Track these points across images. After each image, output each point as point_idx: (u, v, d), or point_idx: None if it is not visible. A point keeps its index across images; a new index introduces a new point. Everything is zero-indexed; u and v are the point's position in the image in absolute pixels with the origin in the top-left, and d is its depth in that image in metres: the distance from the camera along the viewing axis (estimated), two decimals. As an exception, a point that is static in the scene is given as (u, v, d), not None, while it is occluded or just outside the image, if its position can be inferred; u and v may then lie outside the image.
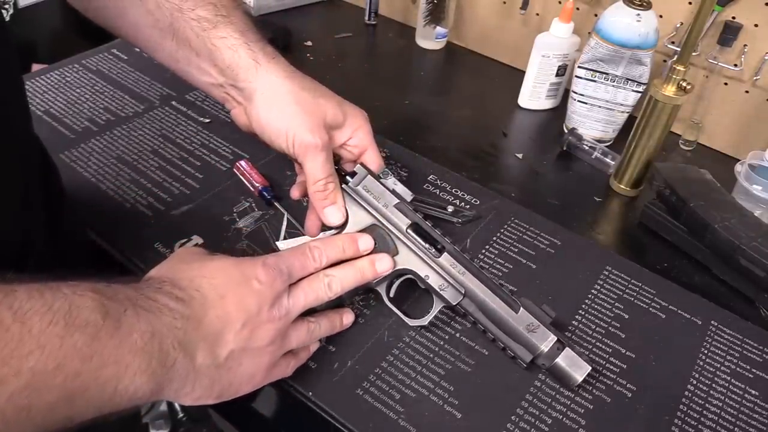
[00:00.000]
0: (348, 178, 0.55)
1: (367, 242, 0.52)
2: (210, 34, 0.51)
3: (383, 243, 0.54)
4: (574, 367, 0.50)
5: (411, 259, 0.54)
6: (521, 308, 0.52)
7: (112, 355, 0.34)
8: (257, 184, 0.67)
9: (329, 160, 0.53)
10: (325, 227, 0.56)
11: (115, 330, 0.34)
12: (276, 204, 0.66)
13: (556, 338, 0.51)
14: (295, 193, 0.57)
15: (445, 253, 0.54)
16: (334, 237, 0.52)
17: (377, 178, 0.56)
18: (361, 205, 0.55)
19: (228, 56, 0.51)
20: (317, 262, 0.48)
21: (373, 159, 0.57)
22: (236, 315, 0.41)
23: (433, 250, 0.54)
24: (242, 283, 0.42)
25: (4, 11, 1.27)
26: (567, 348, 0.51)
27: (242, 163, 0.69)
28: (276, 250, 0.61)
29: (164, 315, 0.38)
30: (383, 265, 0.52)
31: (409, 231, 0.54)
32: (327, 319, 0.51)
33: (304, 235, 0.61)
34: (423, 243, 0.54)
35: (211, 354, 0.40)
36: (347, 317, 0.53)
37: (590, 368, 0.50)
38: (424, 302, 0.57)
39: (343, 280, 0.49)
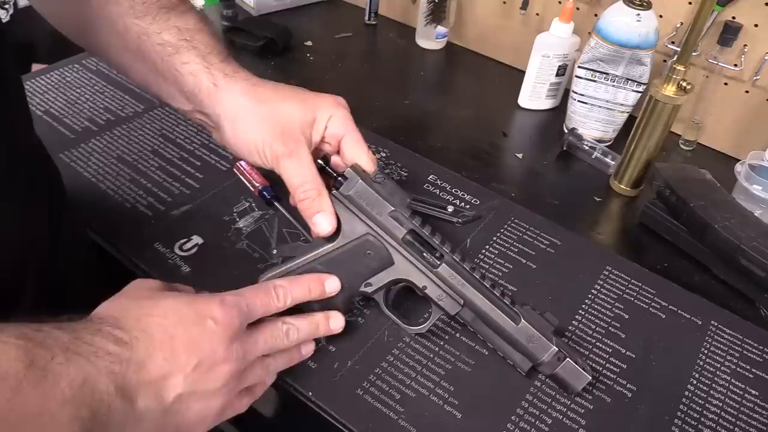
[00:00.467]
0: (341, 180, 0.52)
1: (333, 284, 0.50)
2: (173, 59, 0.50)
3: (378, 253, 0.52)
4: (574, 378, 0.50)
5: (408, 269, 0.52)
6: (522, 320, 0.51)
7: (35, 407, 0.31)
8: (257, 184, 0.67)
9: (304, 165, 0.50)
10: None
11: (39, 380, 0.32)
12: (276, 204, 0.66)
13: (556, 349, 0.50)
14: (292, 200, 0.54)
15: (444, 264, 0.51)
16: (301, 277, 0.49)
17: (372, 180, 0.52)
18: (354, 214, 0.51)
19: (190, 83, 0.50)
20: (281, 302, 0.46)
21: (352, 144, 0.52)
22: (186, 357, 0.39)
23: (431, 259, 0.51)
24: (196, 323, 0.40)
25: (3, 11, 1.27)
26: (567, 359, 0.50)
27: (242, 163, 0.69)
28: (269, 258, 0.60)
29: (100, 359, 0.35)
30: (336, 323, 0.51)
31: (407, 237, 0.51)
32: (285, 354, 0.48)
33: (304, 237, 0.60)
34: (420, 253, 0.51)
35: (155, 398, 0.38)
36: (306, 348, 0.50)
37: (590, 378, 0.50)
38: (423, 305, 0.57)
39: (300, 331, 0.47)
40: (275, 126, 0.50)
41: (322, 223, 0.50)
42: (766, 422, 0.52)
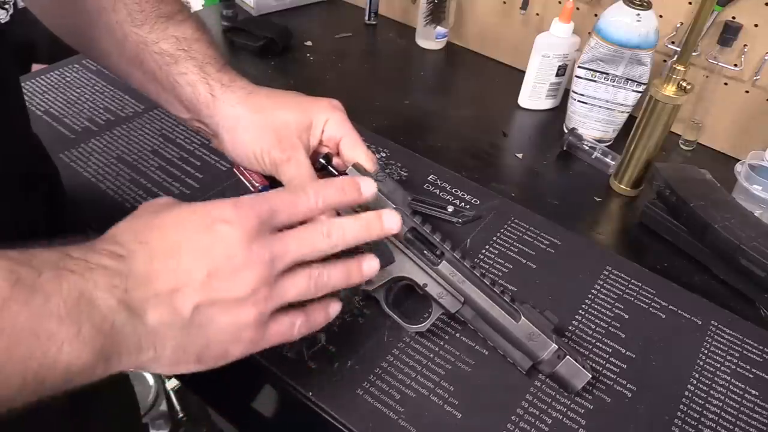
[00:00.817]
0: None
1: (369, 187, 0.42)
2: (171, 69, 0.50)
3: (380, 251, 0.52)
4: (574, 376, 0.50)
5: (409, 267, 0.52)
6: (522, 317, 0.51)
7: (27, 327, 0.29)
8: (257, 184, 0.67)
9: (303, 169, 0.50)
10: None
11: (27, 299, 0.29)
12: None
13: (556, 347, 0.50)
14: None
15: (444, 261, 0.52)
16: (333, 179, 0.42)
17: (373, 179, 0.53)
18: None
19: (188, 93, 0.50)
20: (311, 201, 0.39)
21: (351, 145, 0.53)
22: (195, 264, 0.35)
23: (432, 256, 0.52)
24: (205, 229, 0.35)
25: (3, 11, 1.27)
26: (567, 357, 0.50)
27: (242, 163, 0.69)
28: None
29: (96, 273, 0.32)
30: (390, 220, 0.43)
31: (408, 235, 0.52)
32: (341, 265, 0.40)
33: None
34: (421, 251, 0.52)
35: (169, 312, 0.34)
36: (368, 262, 0.42)
37: (590, 376, 0.50)
38: (424, 304, 0.57)
39: (346, 232, 0.40)
40: (272, 133, 0.50)
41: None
42: (766, 422, 0.52)
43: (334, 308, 0.42)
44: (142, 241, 0.35)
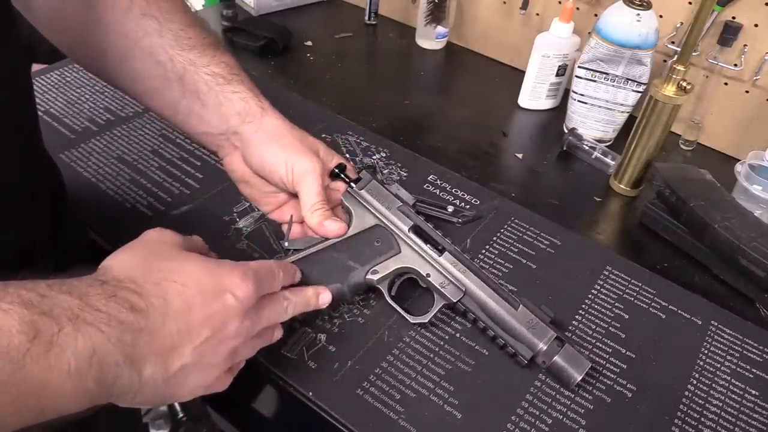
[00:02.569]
0: (353, 183, 0.58)
1: (326, 298, 0.51)
2: (224, 88, 0.56)
3: (386, 242, 0.56)
4: (574, 364, 0.51)
5: (413, 258, 0.55)
6: (521, 306, 0.53)
7: (38, 383, 0.31)
8: None
9: (323, 187, 0.56)
10: None
11: (44, 352, 0.31)
12: None
13: (555, 335, 0.51)
14: (304, 211, 0.57)
15: (446, 253, 0.55)
16: (303, 289, 0.50)
17: (381, 182, 0.58)
18: (366, 208, 0.57)
19: (240, 106, 0.56)
20: (279, 283, 0.47)
21: None
22: (199, 330, 0.39)
23: (434, 250, 0.55)
24: (216, 297, 0.40)
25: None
26: (566, 345, 0.51)
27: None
28: (280, 250, 0.61)
29: (113, 328, 0.34)
30: (325, 298, 0.51)
31: (411, 232, 0.56)
32: (264, 333, 0.47)
33: (308, 235, 0.61)
34: (424, 242, 0.55)
35: (161, 366, 0.37)
36: (278, 332, 0.48)
37: (590, 365, 0.51)
38: (425, 301, 0.57)
39: (296, 307, 0.48)
40: (307, 146, 0.57)
41: (331, 225, 0.55)
42: (766, 422, 0.52)
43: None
44: (162, 296, 0.38)
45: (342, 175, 0.59)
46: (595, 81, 0.82)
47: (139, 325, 0.36)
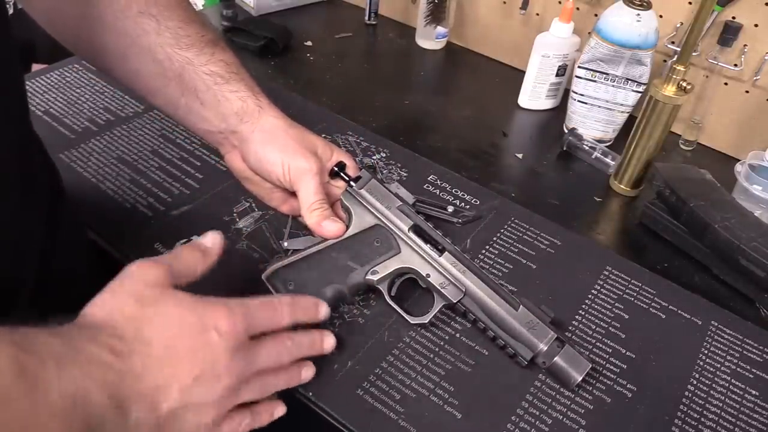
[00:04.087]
0: (353, 182, 0.57)
1: (325, 311, 0.49)
2: (222, 87, 0.55)
3: (386, 242, 0.56)
4: (574, 364, 0.50)
5: (413, 258, 0.55)
6: (521, 306, 0.52)
7: (24, 420, 0.30)
8: None
9: (321, 185, 0.56)
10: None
11: (30, 390, 0.30)
12: None
13: (555, 336, 0.51)
14: (303, 210, 0.57)
15: (446, 253, 0.55)
16: (302, 298, 0.49)
17: (381, 182, 0.58)
18: (366, 207, 0.57)
19: (237, 105, 0.56)
20: (284, 319, 0.45)
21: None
22: (185, 370, 0.38)
23: (434, 251, 0.55)
24: (199, 334, 0.39)
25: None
26: (567, 346, 0.51)
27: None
28: (280, 250, 0.61)
29: (94, 368, 0.34)
30: (329, 342, 0.49)
31: (411, 232, 0.55)
32: (285, 373, 0.46)
33: (308, 234, 0.61)
34: (424, 243, 0.55)
35: (149, 409, 0.36)
36: (307, 372, 0.48)
37: (590, 366, 0.51)
38: (424, 302, 0.57)
39: (301, 348, 0.46)
40: (304, 146, 0.57)
41: (330, 225, 0.55)
42: (766, 422, 0.52)
43: (279, 411, 0.46)
44: (142, 340, 0.37)
45: (341, 174, 0.58)
46: (595, 81, 0.82)
47: (122, 367, 0.35)
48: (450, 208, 0.68)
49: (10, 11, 1.31)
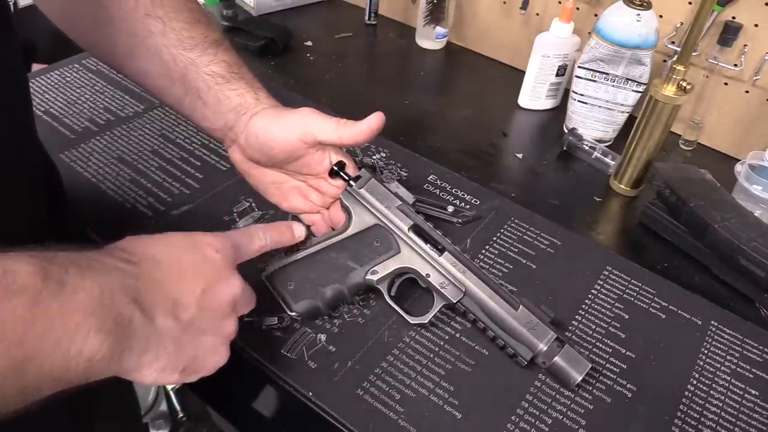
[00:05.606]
0: (353, 181, 0.57)
1: (300, 230, 0.54)
2: (223, 87, 0.56)
3: (386, 242, 0.56)
4: (574, 364, 0.50)
5: (413, 257, 0.55)
6: (521, 306, 0.52)
7: (57, 317, 0.32)
8: None
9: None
10: (331, 228, 0.59)
11: (57, 291, 0.32)
12: None
13: (555, 336, 0.51)
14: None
15: (446, 253, 0.54)
16: (274, 224, 0.52)
17: (381, 181, 0.58)
18: (365, 207, 0.56)
19: (236, 102, 0.57)
20: (262, 240, 0.49)
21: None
22: (194, 280, 0.40)
23: (434, 250, 0.55)
24: (198, 251, 0.42)
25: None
26: (567, 346, 0.51)
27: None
28: (279, 251, 0.61)
29: (113, 273, 0.36)
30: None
31: (411, 231, 0.55)
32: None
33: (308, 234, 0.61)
34: (424, 243, 0.55)
35: (172, 316, 0.38)
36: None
37: (590, 366, 0.51)
38: (424, 302, 0.57)
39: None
40: (312, 117, 0.57)
41: (371, 120, 0.57)
42: (766, 422, 0.52)
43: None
44: (150, 256, 0.39)
45: (341, 173, 0.58)
46: (595, 81, 0.82)
47: (138, 272, 0.37)
48: (450, 208, 0.68)
49: (11, 11, 1.31)
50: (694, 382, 0.55)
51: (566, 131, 0.86)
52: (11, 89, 0.44)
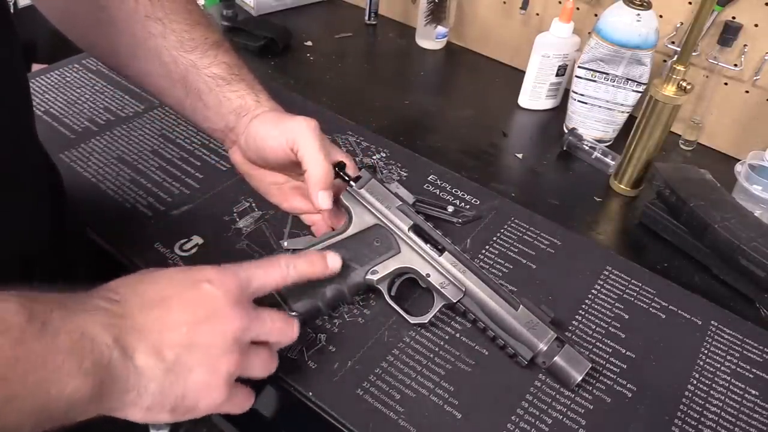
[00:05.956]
0: (353, 182, 0.57)
1: (335, 260, 0.50)
2: (223, 89, 0.56)
3: (386, 242, 0.56)
4: (574, 364, 0.50)
5: (413, 257, 0.55)
6: (521, 306, 0.52)
7: (39, 358, 0.32)
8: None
9: (322, 143, 0.54)
10: (331, 228, 0.59)
11: (40, 332, 0.32)
12: None
13: (555, 335, 0.51)
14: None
15: (446, 253, 0.54)
16: (305, 252, 0.50)
17: (381, 181, 0.58)
18: (365, 207, 0.57)
19: (237, 104, 0.57)
20: (284, 270, 0.45)
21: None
22: (179, 316, 0.38)
23: (434, 250, 0.55)
24: (190, 287, 0.40)
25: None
26: (567, 345, 0.51)
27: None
28: (279, 249, 0.61)
29: (95, 314, 0.36)
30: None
31: (411, 231, 0.55)
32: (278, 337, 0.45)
33: (308, 234, 0.61)
34: (424, 243, 0.55)
35: (154, 355, 0.37)
36: (291, 328, 0.46)
37: (590, 365, 0.51)
38: (424, 302, 0.57)
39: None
40: (304, 125, 0.55)
41: (325, 198, 0.53)
42: (766, 422, 0.52)
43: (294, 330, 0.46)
44: (135, 292, 0.39)
45: (341, 174, 0.58)
46: (595, 81, 0.82)
47: (120, 311, 0.37)
48: (450, 208, 0.68)
49: (11, 11, 1.31)
50: (694, 382, 0.55)
51: (566, 131, 0.86)
52: (12, 89, 0.44)
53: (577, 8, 0.88)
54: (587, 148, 0.83)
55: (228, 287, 0.40)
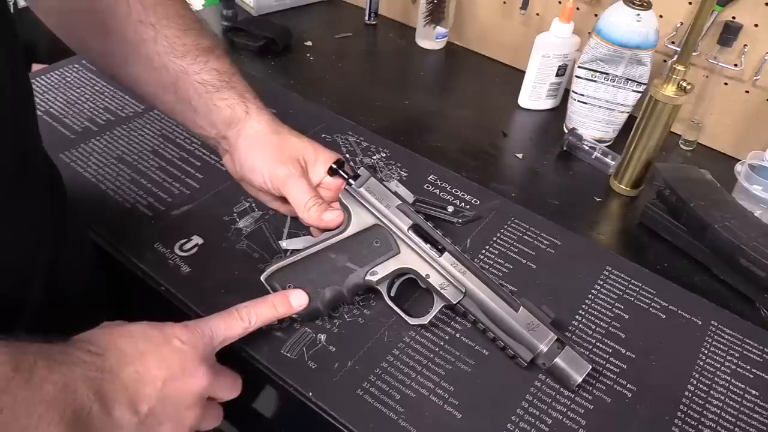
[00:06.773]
0: (351, 180, 0.57)
1: (299, 298, 0.52)
2: (213, 96, 0.56)
3: (386, 243, 0.55)
4: (574, 366, 0.50)
5: (413, 258, 0.55)
6: (521, 307, 0.52)
7: (23, 407, 0.33)
8: None
9: (310, 185, 0.57)
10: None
11: (26, 381, 0.34)
12: None
13: (556, 337, 0.51)
14: (299, 212, 0.58)
15: (446, 253, 0.54)
16: (265, 297, 0.51)
17: (380, 180, 0.57)
18: (365, 206, 0.56)
19: (226, 113, 0.57)
20: (245, 321, 0.48)
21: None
22: (157, 372, 0.41)
23: (434, 251, 0.54)
24: (163, 343, 0.42)
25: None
26: (567, 347, 0.51)
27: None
28: (279, 249, 0.61)
29: (78, 366, 0.37)
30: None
31: (411, 231, 0.55)
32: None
33: (307, 234, 0.61)
34: (424, 243, 0.55)
35: (130, 409, 0.39)
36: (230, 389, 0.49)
37: (590, 367, 0.50)
38: (424, 302, 0.57)
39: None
40: (282, 151, 0.57)
41: (329, 215, 0.56)
42: (766, 422, 0.52)
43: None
44: (114, 346, 0.41)
45: (340, 172, 0.58)
46: (595, 81, 0.82)
47: (101, 365, 0.39)
48: (450, 208, 0.68)
49: (11, 11, 1.31)
50: (694, 382, 0.55)
51: (566, 131, 0.86)
52: (14, 91, 0.44)
53: (577, 8, 0.88)
54: (587, 148, 0.83)
55: (195, 344, 0.44)
